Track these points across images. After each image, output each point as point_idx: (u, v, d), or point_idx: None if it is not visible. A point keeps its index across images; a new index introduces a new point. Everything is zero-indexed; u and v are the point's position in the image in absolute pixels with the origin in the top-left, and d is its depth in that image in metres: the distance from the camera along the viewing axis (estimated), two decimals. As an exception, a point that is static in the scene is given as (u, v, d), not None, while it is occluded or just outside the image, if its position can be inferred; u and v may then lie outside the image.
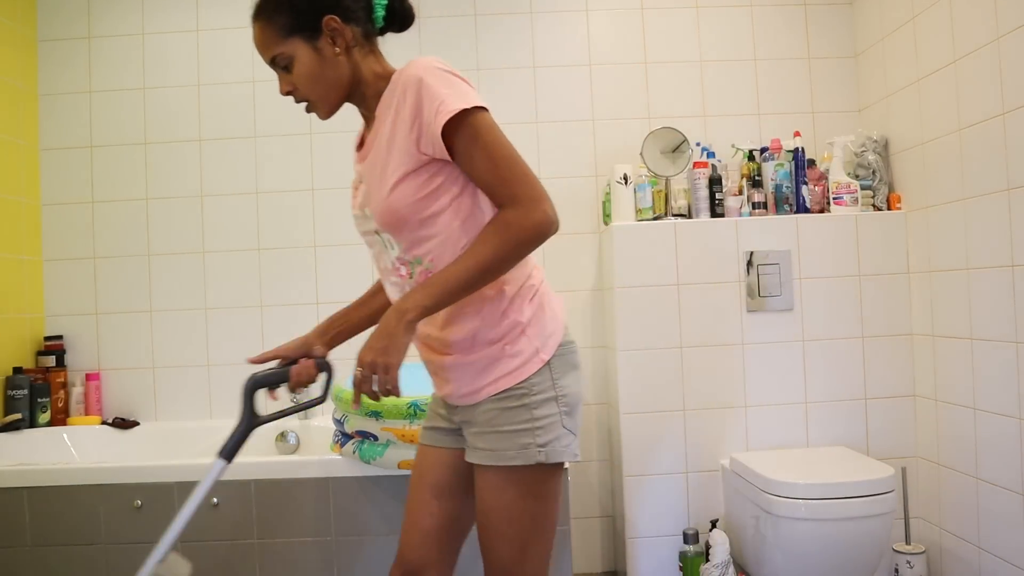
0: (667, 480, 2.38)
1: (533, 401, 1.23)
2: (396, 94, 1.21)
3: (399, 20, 1.33)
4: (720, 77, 2.72)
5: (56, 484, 1.96)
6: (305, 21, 1.22)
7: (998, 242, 1.98)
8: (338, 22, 1.23)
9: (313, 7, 1.22)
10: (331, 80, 1.25)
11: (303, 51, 1.23)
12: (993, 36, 1.96)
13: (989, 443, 2.05)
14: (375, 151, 1.24)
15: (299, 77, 1.25)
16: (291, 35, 1.23)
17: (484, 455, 1.24)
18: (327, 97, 1.27)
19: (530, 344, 1.24)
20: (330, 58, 1.24)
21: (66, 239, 2.70)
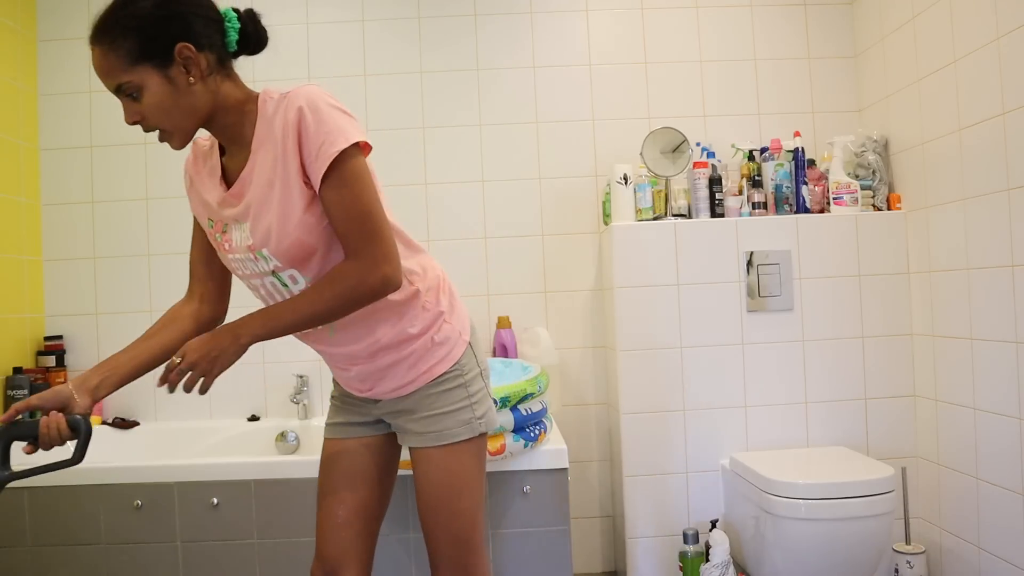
0: (667, 480, 2.38)
1: (466, 379, 1.35)
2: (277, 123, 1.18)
3: (252, 43, 1.27)
4: (720, 77, 2.72)
5: (56, 484, 1.97)
6: (154, 48, 1.13)
7: (998, 242, 1.98)
8: (191, 50, 1.15)
9: (163, 33, 1.13)
10: (185, 110, 1.17)
11: (153, 80, 1.14)
12: (993, 36, 1.96)
13: (989, 443, 2.05)
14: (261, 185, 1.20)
15: (150, 107, 1.16)
16: (139, 62, 1.13)
17: (432, 437, 1.33)
18: (181, 127, 1.19)
19: (453, 329, 1.36)
20: (183, 88, 1.16)
21: (66, 239, 2.70)
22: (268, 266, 1.24)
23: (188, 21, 1.16)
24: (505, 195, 2.70)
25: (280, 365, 2.66)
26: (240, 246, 1.25)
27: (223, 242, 1.28)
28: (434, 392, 1.34)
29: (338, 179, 1.15)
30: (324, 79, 2.70)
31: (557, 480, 1.95)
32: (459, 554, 1.35)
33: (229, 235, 1.27)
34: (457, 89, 2.71)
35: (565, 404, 2.66)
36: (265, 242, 1.21)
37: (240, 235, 1.24)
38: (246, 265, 1.27)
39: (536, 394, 1.94)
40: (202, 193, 1.31)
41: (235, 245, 1.26)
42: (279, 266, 1.23)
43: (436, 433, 1.33)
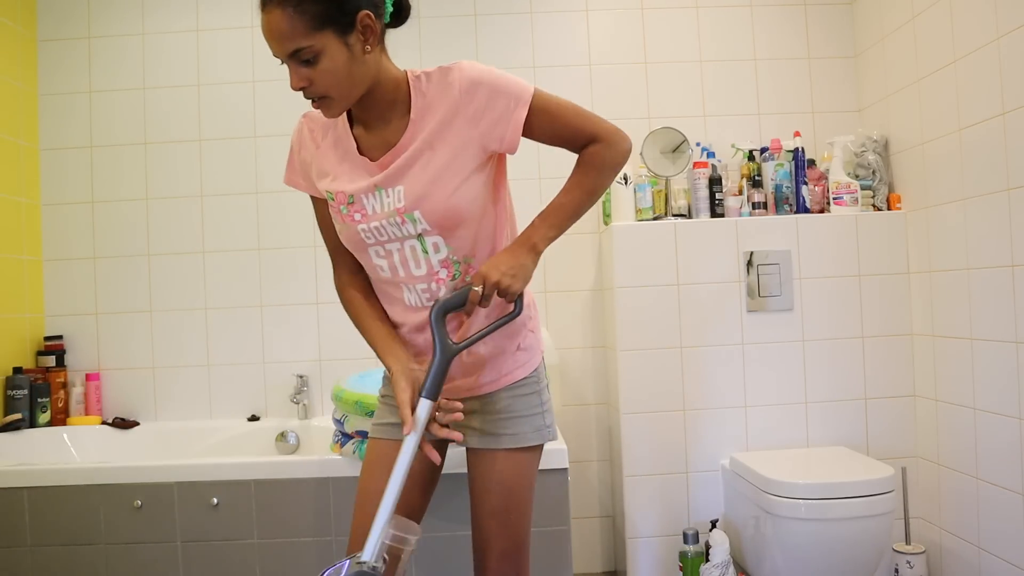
0: (667, 480, 2.38)
1: (540, 387, 1.39)
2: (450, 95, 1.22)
3: (401, 15, 1.29)
4: (720, 77, 2.72)
5: (56, 484, 1.96)
6: (340, 14, 1.14)
7: (998, 242, 1.98)
8: (372, 18, 1.17)
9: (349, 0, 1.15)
10: (357, 79, 1.19)
11: (335, 46, 1.14)
12: (993, 36, 1.96)
13: (989, 443, 2.05)
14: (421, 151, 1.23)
15: (324, 73, 1.15)
16: (323, 27, 1.13)
17: (506, 439, 1.35)
18: (348, 96, 1.20)
19: (536, 339, 1.41)
20: (359, 56, 1.17)
21: (66, 239, 2.70)
22: (416, 229, 1.24)
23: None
24: (505, 195, 2.70)
25: (280, 365, 2.66)
26: (382, 212, 1.25)
27: (351, 213, 1.28)
28: (511, 395, 1.36)
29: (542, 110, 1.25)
30: (324, 79, 2.70)
31: (557, 480, 1.94)
32: (518, 556, 1.36)
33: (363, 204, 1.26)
34: (457, 89, 2.71)
35: (565, 404, 2.66)
36: (419, 204, 1.22)
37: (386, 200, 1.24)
38: (385, 230, 1.26)
39: (536, 394, 1.94)
40: (320, 166, 1.31)
41: (375, 212, 1.26)
42: (427, 230, 1.24)
43: (511, 436, 1.35)
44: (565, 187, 1.30)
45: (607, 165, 1.29)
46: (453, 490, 1.99)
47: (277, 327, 2.67)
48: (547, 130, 1.27)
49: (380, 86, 1.23)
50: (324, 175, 1.31)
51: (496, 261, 1.22)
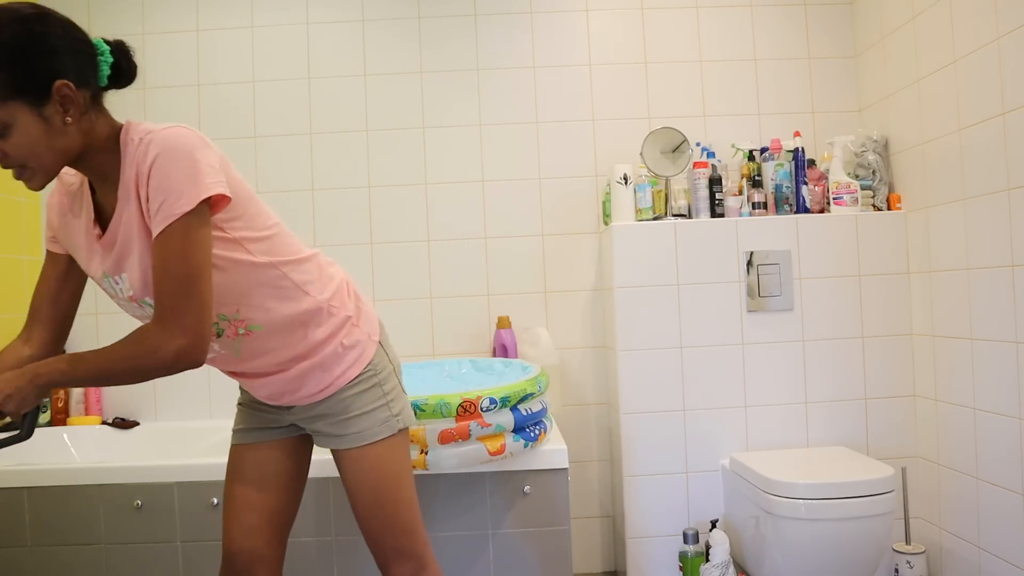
0: (667, 480, 2.38)
1: (380, 378, 1.36)
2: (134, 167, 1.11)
3: (124, 77, 1.17)
4: (720, 77, 2.72)
5: (56, 484, 1.97)
6: (31, 84, 1.03)
7: (998, 242, 1.98)
8: (71, 88, 1.06)
9: (40, 68, 1.03)
10: (58, 150, 1.08)
11: (27, 118, 1.04)
12: (993, 36, 1.96)
13: (989, 443, 2.05)
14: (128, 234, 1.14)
15: (17, 146, 1.05)
16: (11, 98, 1.02)
17: (353, 438, 1.34)
18: (50, 167, 1.10)
19: (362, 332, 1.36)
20: (58, 127, 1.07)
21: (66, 239, 2.69)
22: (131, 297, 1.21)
23: (65, 55, 1.06)
24: (505, 195, 2.70)
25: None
26: (120, 297, 1.22)
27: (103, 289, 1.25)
28: (350, 394, 1.34)
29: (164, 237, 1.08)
30: (324, 79, 2.70)
31: (557, 480, 1.95)
32: (408, 544, 1.36)
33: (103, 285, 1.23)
34: (457, 89, 2.71)
35: (565, 404, 2.66)
36: (145, 292, 1.17)
37: (118, 287, 1.20)
38: (134, 311, 1.25)
39: (536, 394, 1.94)
40: (70, 235, 1.24)
41: (114, 294, 1.22)
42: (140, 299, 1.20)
43: (357, 434, 1.34)
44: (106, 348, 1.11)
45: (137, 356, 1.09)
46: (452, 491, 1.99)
47: (277, 327, 2.67)
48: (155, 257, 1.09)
49: (93, 152, 1.13)
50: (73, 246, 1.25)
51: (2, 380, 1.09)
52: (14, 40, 1.02)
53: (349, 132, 2.70)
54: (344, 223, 2.69)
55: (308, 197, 2.69)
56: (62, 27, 1.08)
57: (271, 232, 1.26)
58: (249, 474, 1.41)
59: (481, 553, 1.95)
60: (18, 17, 1.04)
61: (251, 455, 1.42)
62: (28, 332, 1.31)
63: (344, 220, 2.69)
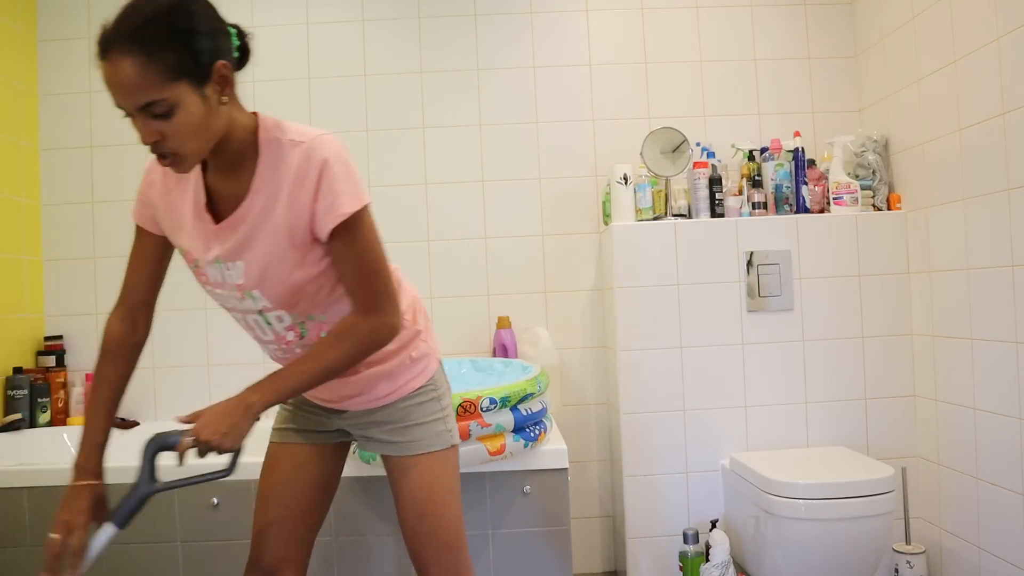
0: (667, 480, 2.38)
1: (439, 394, 1.41)
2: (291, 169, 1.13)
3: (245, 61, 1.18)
4: (720, 77, 2.72)
5: (56, 484, 1.96)
6: (196, 64, 1.04)
7: (998, 242, 1.98)
8: (228, 68, 1.08)
9: (206, 48, 1.05)
10: (212, 132, 1.09)
11: (191, 99, 1.04)
12: (993, 36, 1.96)
13: (989, 443, 2.05)
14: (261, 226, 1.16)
15: (180, 127, 1.05)
16: (179, 78, 1.03)
17: (407, 446, 1.36)
18: (201, 150, 1.10)
19: (429, 347, 1.42)
20: (215, 108, 1.08)
21: (66, 239, 2.70)
22: (256, 306, 1.23)
23: (222, 36, 1.09)
24: (505, 195, 2.70)
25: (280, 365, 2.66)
26: (226, 283, 1.23)
27: (198, 274, 1.27)
28: (410, 404, 1.38)
29: (350, 236, 1.15)
30: (324, 79, 2.70)
31: (557, 480, 1.94)
32: (449, 559, 1.37)
33: (206, 271, 1.24)
34: (457, 89, 2.71)
35: (565, 404, 2.66)
36: (259, 284, 1.19)
37: (228, 273, 1.21)
38: (229, 300, 1.26)
39: (536, 394, 1.94)
40: (173, 215, 1.25)
41: (219, 281, 1.23)
42: (268, 307, 1.23)
43: (412, 442, 1.36)
44: (313, 351, 1.19)
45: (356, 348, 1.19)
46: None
47: (277, 327, 2.67)
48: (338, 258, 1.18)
49: (230, 137, 1.15)
50: (174, 227, 1.26)
51: (211, 419, 1.13)
52: (180, 22, 1.03)
53: (349, 132, 2.70)
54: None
55: (308, 197, 2.69)
56: (212, 9, 1.09)
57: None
58: (285, 473, 1.42)
59: (481, 553, 1.95)
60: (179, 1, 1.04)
61: (290, 454, 1.43)
62: (133, 317, 1.34)
63: (344, 220, 2.69)
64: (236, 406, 1.14)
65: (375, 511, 1.96)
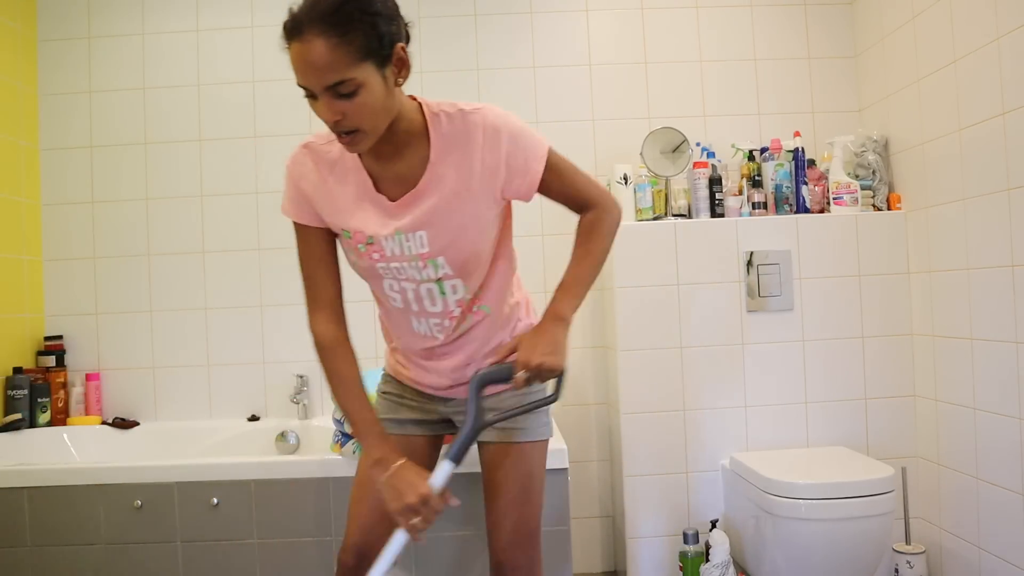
0: (667, 480, 2.38)
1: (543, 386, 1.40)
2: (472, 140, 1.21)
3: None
4: (720, 77, 2.72)
5: (56, 484, 1.96)
6: (380, 46, 1.11)
7: (998, 242, 1.98)
8: (406, 51, 1.16)
9: (389, 31, 1.12)
10: (389, 111, 1.16)
11: (375, 79, 1.11)
12: (993, 36, 1.96)
13: (989, 443, 2.05)
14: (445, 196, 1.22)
15: (363, 106, 1.11)
16: (366, 59, 1.09)
17: (518, 433, 1.41)
18: (379, 129, 1.17)
19: None
20: (392, 90, 1.16)
21: (66, 239, 2.70)
22: (436, 273, 1.27)
23: (399, 20, 1.16)
24: (505, 195, 2.70)
25: (280, 365, 2.66)
26: (404, 255, 1.26)
27: (369, 252, 1.28)
28: (520, 394, 1.42)
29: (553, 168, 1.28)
30: (324, 79, 2.70)
31: (557, 480, 1.94)
32: (532, 543, 1.42)
33: (382, 246, 1.26)
34: (457, 89, 2.71)
35: (565, 404, 2.66)
36: (444, 251, 1.24)
37: (407, 244, 1.24)
38: (404, 271, 1.28)
39: (536, 394, 1.94)
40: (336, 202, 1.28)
41: (394, 255, 1.26)
42: (448, 274, 1.27)
43: (521, 430, 1.41)
44: (576, 256, 1.34)
45: (609, 232, 1.36)
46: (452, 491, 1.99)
47: (277, 327, 2.67)
48: (556, 188, 1.32)
49: (400, 118, 1.21)
50: (338, 212, 1.29)
51: (532, 343, 1.22)
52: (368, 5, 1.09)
53: (349, 132, 2.70)
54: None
55: (308, 197, 2.69)
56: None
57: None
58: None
59: (481, 553, 1.95)
60: None
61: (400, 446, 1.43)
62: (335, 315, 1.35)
63: (344, 220, 2.69)
64: (551, 322, 1.26)
65: (375, 511, 1.96)
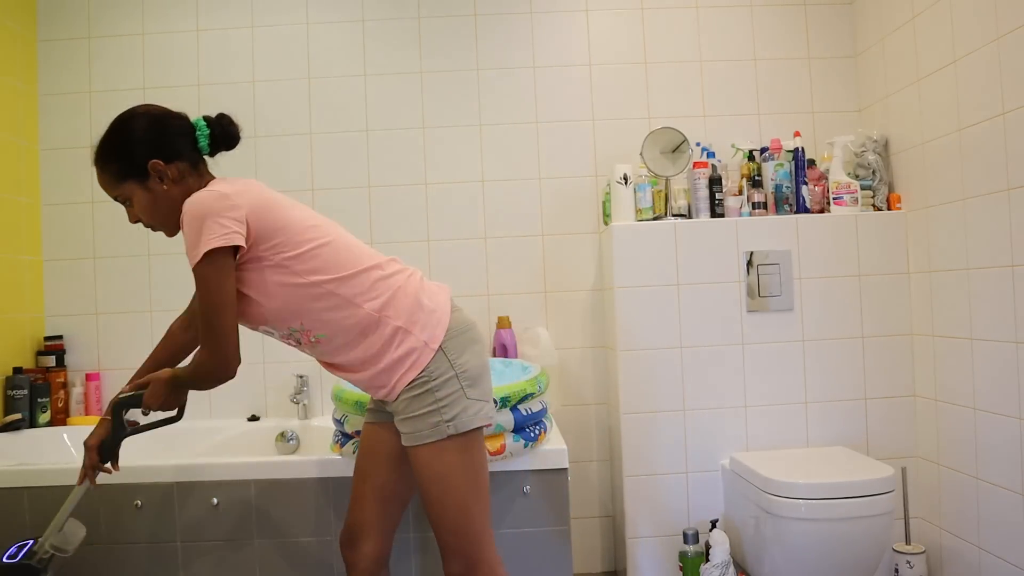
0: (667, 480, 2.38)
1: (435, 385, 1.45)
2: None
3: (224, 143, 1.50)
4: (720, 77, 2.72)
5: (56, 484, 1.96)
6: (133, 168, 1.41)
7: (998, 242, 1.98)
8: (162, 164, 1.41)
9: (139, 154, 1.40)
10: (166, 210, 1.44)
11: (136, 192, 1.43)
12: (993, 36, 1.96)
13: (989, 443, 2.05)
14: None
15: (139, 211, 1.44)
16: (124, 180, 1.42)
17: (408, 438, 1.47)
18: (167, 223, 1.47)
19: (417, 339, 1.46)
20: (160, 193, 1.43)
21: (66, 239, 2.70)
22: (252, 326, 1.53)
23: (158, 141, 1.42)
24: (505, 195, 2.70)
25: (280, 365, 2.66)
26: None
27: None
28: (407, 397, 1.47)
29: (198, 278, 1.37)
30: (324, 79, 2.70)
31: (557, 480, 1.94)
32: (460, 544, 1.48)
33: None
34: (457, 89, 2.71)
35: (565, 404, 2.66)
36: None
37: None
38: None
39: (536, 394, 1.94)
40: None
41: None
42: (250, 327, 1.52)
43: (411, 435, 1.47)
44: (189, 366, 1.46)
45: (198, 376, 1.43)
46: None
47: (277, 327, 2.67)
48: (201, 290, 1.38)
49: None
50: None
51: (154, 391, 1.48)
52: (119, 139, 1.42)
53: (349, 132, 2.70)
54: (344, 223, 2.67)
55: (308, 197, 2.69)
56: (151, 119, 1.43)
57: (318, 251, 1.44)
58: (366, 448, 1.63)
59: (481, 553, 1.95)
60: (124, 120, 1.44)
61: (370, 433, 1.63)
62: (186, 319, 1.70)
63: (344, 220, 2.69)
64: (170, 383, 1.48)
65: (375, 511, 1.96)
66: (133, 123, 1.43)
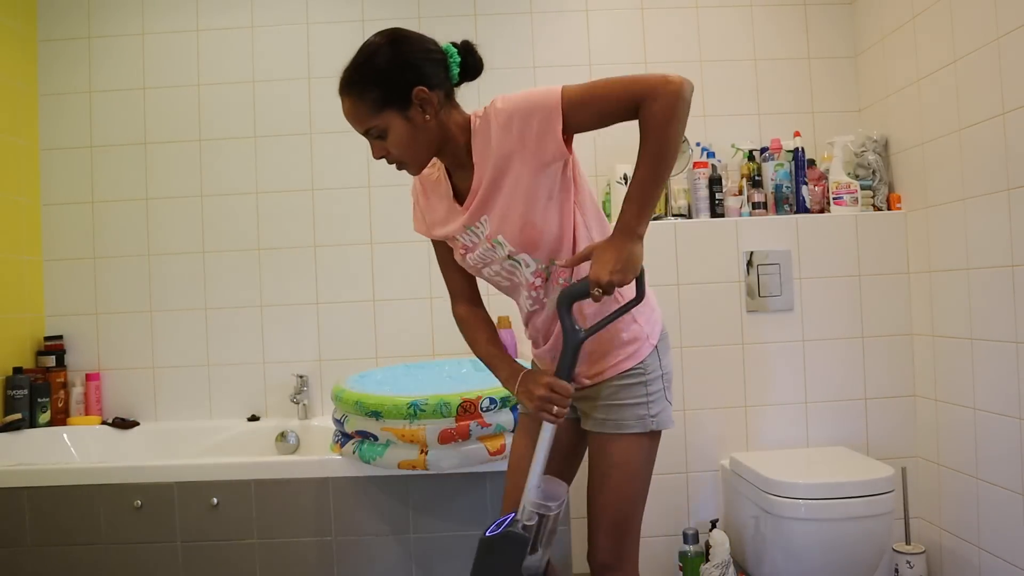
0: (667, 480, 2.38)
1: (648, 379, 1.43)
2: (494, 133, 1.32)
3: (472, 72, 1.40)
4: (720, 77, 2.72)
5: (56, 484, 1.97)
6: (396, 95, 1.30)
7: (998, 242, 1.98)
8: (426, 92, 1.30)
9: (403, 81, 1.29)
10: (423, 143, 1.34)
11: (396, 122, 1.31)
12: (993, 36, 1.96)
13: (989, 443, 2.05)
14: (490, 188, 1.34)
15: (394, 145, 1.33)
16: (383, 108, 1.30)
17: (609, 424, 1.43)
18: (419, 158, 1.37)
19: (642, 331, 1.44)
20: (421, 125, 1.32)
21: (66, 239, 2.70)
22: (505, 251, 1.38)
23: (420, 66, 1.31)
24: (505, 195, 2.70)
25: (280, 365, 2.66)
26: (479, 241, 1.40)
27: (458, 249, 1.46)
28: (617, 384, 1.43)
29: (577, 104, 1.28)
30: (324, 79, 2.70)
31: (557, 480, 1.94)
32: (619, 535, 1.46)
33: (464, 241, 1.43)
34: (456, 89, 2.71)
35: (565, 404, 2.66)
36: (500, 230, 1.35)
37: (478, 231, 1.39)
38: (486, 256, 1.41)
39: (536, 394, 1.94)
40: (432, 216, 1.48)
41: (473, 244, 1.41)
42: (513, 251, 1.37)
43: (613, 422, 1.43)
44: (637, 160, 1.30)
45: (659, 123, 1.27)
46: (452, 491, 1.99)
47: (277, 327, 2.67)
48: (590, 119, 1.31)
49: (452, 140, 1.37)
50: (435, 223, 1.49)
51: (603, 259, 1.27)
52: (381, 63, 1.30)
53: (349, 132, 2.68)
54: (344, 223, 2.69)
55: (308, 197, 2.69)
56: (413, 43, 1.33)
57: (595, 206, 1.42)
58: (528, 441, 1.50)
59: (481, 553, 1.95)
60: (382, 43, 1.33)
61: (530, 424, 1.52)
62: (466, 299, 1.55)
63: (344, 220, 2.69)
64: (619, 237, 1.29)
65: (375, 511, 1.96)
66: (398, 47, 1.32)
